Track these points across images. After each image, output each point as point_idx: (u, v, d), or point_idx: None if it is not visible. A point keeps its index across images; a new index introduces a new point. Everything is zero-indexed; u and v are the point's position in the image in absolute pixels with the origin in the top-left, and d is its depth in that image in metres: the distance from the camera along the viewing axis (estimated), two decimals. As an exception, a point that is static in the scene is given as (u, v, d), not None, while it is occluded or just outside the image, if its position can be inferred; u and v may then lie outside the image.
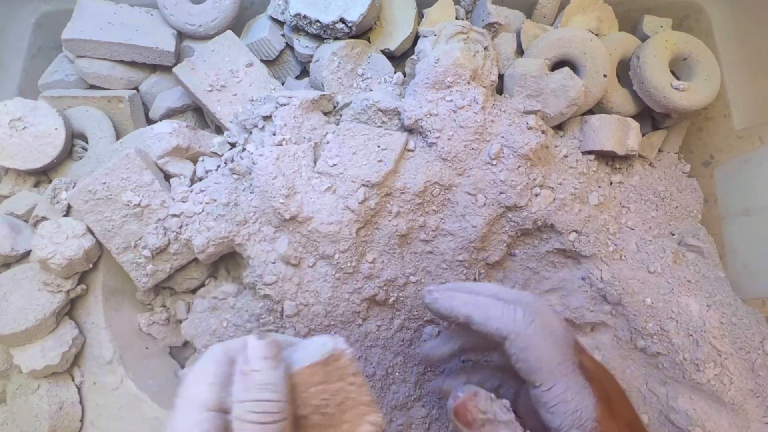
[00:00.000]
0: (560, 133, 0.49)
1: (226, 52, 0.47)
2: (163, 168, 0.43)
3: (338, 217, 0.40)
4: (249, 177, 0.41)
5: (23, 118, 0.43)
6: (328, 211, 0.40)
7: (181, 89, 0.49)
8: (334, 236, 0.40)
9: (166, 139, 0.43)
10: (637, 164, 0.50)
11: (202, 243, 0.40)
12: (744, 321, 0.44)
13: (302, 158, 0.41)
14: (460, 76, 0.42)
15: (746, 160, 0.48)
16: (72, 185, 0.43)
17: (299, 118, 0.42)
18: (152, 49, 0.48)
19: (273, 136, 0.41)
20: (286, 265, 0.41)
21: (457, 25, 0.46)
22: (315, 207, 0.40)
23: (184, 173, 0.44)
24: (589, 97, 0.47)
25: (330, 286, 0.41)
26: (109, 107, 0.48)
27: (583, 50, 0.47)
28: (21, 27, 0.51)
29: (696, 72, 0.49)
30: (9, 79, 0.50)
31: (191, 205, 0.41)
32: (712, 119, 0.52)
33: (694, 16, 0.54)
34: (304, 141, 0.42)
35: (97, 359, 0.42)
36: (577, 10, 0.52)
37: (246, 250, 0.41)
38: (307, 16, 0.46)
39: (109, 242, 0.41)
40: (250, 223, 0.41)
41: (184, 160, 0.44)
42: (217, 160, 0.45)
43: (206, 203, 0.41)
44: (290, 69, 0.52)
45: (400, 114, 0.43)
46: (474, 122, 0.42)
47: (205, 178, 0.44)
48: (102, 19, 0.48)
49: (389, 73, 0.48)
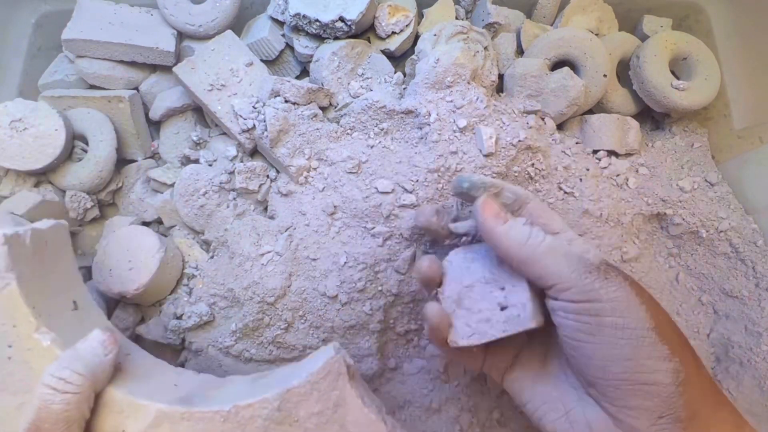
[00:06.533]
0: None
1: (226, 51, 0.47)
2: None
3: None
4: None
5: (24, 119, 0.43)
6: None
7: (181, 89, 0.49)
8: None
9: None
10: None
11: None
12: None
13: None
14: (460, 76, 0.42)
15: (746, 160, 0.48)
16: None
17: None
18: (152, 49, 0.48)
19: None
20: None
21: (457, 25, 0.46)
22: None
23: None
24: (589, 97, 0.47)
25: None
26: (109, 107, 0.48)
27: (583, 50, 0.47)
28: (21, 27, 0.51)
29: (696, 72, 0.49)
30: (9, 79, 0.50)
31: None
32: (712, 119, 0.52)
33: (694, 16, 0.54)
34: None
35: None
36: (577, 10, 0.52)
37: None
38: (307, 15, 0.46)
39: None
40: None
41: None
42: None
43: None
44: (290, 69, 0.52)
45: (412, 113, 0.43)
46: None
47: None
48: (102, 19, 0.48)
49: (389, 73, 0.48)
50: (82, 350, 0.27)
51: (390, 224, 0.41)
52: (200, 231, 0.46)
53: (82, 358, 0.27)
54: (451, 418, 0.43)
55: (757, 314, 0.45)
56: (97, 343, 0.28)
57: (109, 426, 0.28)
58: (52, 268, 0.31)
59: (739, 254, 0.46)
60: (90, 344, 0.28)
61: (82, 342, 0.28)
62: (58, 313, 0.30)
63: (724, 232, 0.46)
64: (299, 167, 0.44)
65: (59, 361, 0.26)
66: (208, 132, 0.50)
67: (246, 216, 0.45)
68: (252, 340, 0.42)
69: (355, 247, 0.42)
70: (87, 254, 0.49)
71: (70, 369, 0.26)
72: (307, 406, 0.30)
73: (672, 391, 0.26)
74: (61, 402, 0.25)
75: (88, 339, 0.28)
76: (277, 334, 0.42)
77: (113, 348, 0.28)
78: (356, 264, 0.41)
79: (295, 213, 0.43)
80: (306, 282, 0.42)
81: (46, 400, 0.25)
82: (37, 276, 0.30)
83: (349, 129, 0.45)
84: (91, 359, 0.27)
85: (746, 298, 0.45)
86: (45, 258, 0.31)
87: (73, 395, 0.25)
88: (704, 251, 0.47)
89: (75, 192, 0.46)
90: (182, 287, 0.45)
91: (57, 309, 0.30)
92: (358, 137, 0.44)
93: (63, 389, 0.25)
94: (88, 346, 0.27)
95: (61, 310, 0.31)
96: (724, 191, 0.48)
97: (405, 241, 0.41)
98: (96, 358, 0.27)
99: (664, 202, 0.47)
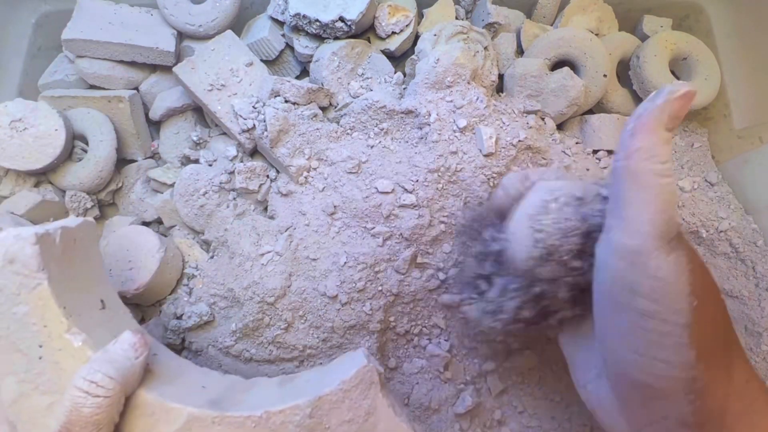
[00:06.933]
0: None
1: (226, 51, 0.47)
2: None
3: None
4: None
5: (24, 119, 0.43)
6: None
7: (181, 89, 0.49)
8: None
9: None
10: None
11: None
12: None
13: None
14: (460, 76, 0.42)
15: (746, 160, 0.48)
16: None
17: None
18: (152, 49, 0.48)
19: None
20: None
21: (457, 25, 0.46)
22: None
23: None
24: (589, 97, 0.47)
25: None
26: (109, 107, 0.48)
27: (583, 50, 0.47)
28: (21, 27, 0.51)
29: (696, 72, 0.49)
30: (9, 79, 0.50)
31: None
32: (712, 119, 0.52)
33: (694, 16, 0.54)
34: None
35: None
36: (577, 10, 0.52)
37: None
38: (307, 15, 0.46)
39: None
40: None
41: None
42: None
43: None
44: (290, 69, 0.52)
45: (411, 114, 0.43)
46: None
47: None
48: (102, 19, 0.48)
49: (389, 73, 0.48)
50: (113, 353, 0.27)
51: (390, 224, 0.41)
52: (200, 231, 0.46)
53: (113, 361, 0.26)
54: (451, 418, 0.43)
55: (757, 314, 0.45)
56: (128, 345, 0.27)
57: (139, 429, 0.27)
58: (80, 267, 0.31)
59: (739, 254, 0.46)
60: (121, 346, 0.27)
61: (112, 344, 0.28)
62: (88, 313, 0.30)
63: (724, 232, 0.46)
64: (299, 167, 0.44)
65: (91, 363, 0.26)
66: (208, 132, 0.50)
67: (246, 216, 0.45)
68: (252, 340, 0.42)
69: (355, 247, 0.42)
70: (87, 254, 0.49)
71: (101, 372, 0.26)
72: (339, 414, 0.30)
73: (680, 399, 0.24)
74: (92, 405, 0.25)
75: (119, 341, 0.28)
76: (277, 334, 0.42)
77: (143, 350, 0.28)
78: (356, 264, 0.41)
79: (295, 213, 0.43)
80: (306, 282, 0.42)
81: (78, 403, 0.25)
82: (66, 275, 0.29)
83: (349, 129, 0.45)
84: (122, 362, 0.27)
85: (746, 298, 0.45)
86: (74, 256, 0.30)
87: (104, 399, 0.25)
88: (704, 251, 0.47)
89: (75, 192, 0.46)
90: (182, 287, 0.45)
91: (86, 308, 0.30)
92: (358, 137, 0.44)
93: (94, 393, 0.25)
94: (119, 348, 0.27)
95: (90, 310, 0.30)
96: (724, 191, 0.48)
97: (405, 241, 0.41)
98: (127, 361, 0.27)
99: (664, 202, 0.47)
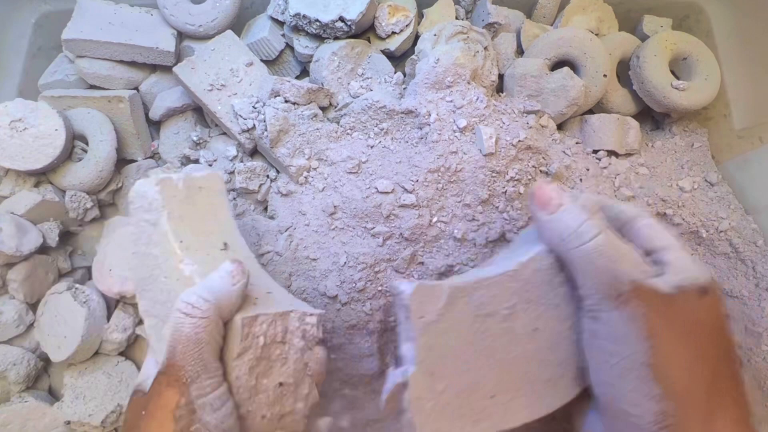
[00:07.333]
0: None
1: (226, 51, 0.47)
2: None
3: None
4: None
5: (24, 119, 0.43)
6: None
7: (181, 89, 0.49)
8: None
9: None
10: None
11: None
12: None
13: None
14: (460, 76, 0.42)
15: (746, 160, 0.48)
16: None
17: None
18: (152, 49, 0.48)
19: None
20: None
21: (457, 25, 0.46)
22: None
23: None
24: (589, 97, 0.47)
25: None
26: (109, 107, 0.48)
27: (583, 50, 0.47)
28: (21, 27, 0.51)
29: (696, 72, 0.49)
30: (9, 79, 0.50)
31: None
32: (712, 119, 0.52)
33: (694, 16, 0.54)
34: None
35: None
36: (577, 10, 0.52)
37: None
38: (307, 15, 0.46)
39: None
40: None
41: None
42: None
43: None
44: (290, 69, 0.52)
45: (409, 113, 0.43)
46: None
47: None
48: (102, 19, 0.48)
49: (389, 73, 0.48)
50: (211, 279, 0.29)
51: (390, 224, 0.41)
52: (200, 231, 0.46)
53: (211, 287, 0.29)
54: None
55: (757, 314, 0.45)
56: (225, 273, 0.29)
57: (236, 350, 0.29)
58: (204, 211, 0.34)
59: (739, 254, 0.46)
60: (219, 274, 0.29)
61: (214, 272, 0.30)
62: (206, 251, 0.32)
63: (724, 232, 0.46)
64: (299, 167, 0.44)
65: (192, 288, 0.29)
66: (208, 132, 0.50)
67: (246, 216, 0.45)
68: (252, 340, 0.42)
69: (355, 247, 0.42)
70: (87, 254, 0.49)
71: (197, 295, 0.28)
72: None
73: (652, 429, 0.26)
74: (191, 325, 0.27)
75: (218, 269, 0.30)
76: (277, 334, 0.42)
77: (241, 278, 0.29)
78: (356, 264, 0.41)
79: (295, 213, 0.43)
80: (306, 282, 0.42)
81: (178, 323, 0.27)
82: (188, 215, 0.33)
83: (349, 129, 0.45)
84: (219, 288, 0.29)
85: (746, 298, 0.45)
86: (198, 201, 0.34)
87: (200, 319, 0.27)
88: (704, 251, 0.47)
89: (75, 192, 0.46)
90: (182, 287, 0.45)
91: (205, 246, 0.33)
92: (358, 137, 0.44)
93: (191, 313, 0.27)
94: (217, 276, 0.29)
95: (210, 249, 0.33)
96: (724, 191, 0.48)
97: (405, 241, 0.41)
98: (224, 287, 0.29)
99: (664, 202, 0.47)
